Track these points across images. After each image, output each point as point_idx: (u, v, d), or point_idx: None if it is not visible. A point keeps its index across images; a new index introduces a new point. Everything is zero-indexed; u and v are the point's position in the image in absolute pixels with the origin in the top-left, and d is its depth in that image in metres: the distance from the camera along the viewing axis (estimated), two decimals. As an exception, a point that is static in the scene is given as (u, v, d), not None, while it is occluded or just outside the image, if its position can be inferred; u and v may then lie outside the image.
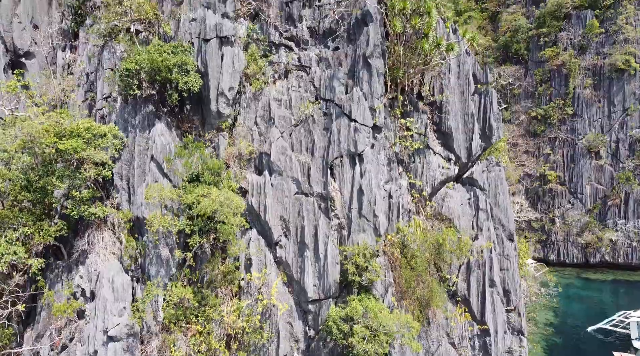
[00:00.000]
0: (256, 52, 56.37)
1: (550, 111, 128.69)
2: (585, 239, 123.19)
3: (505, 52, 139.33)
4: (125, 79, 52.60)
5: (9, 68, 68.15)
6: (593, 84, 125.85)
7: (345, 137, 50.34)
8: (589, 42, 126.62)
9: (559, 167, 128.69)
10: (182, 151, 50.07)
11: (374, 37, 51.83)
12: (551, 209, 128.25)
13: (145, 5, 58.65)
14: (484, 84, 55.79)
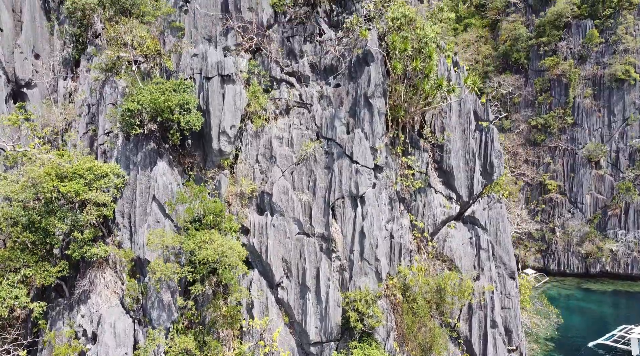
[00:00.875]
0: (258, 89, 56.36)
1: (550, 120, 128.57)
2: (586, 249, 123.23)
3: (505, 60, 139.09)
4: (127, 119, 52.64)
5: (10, 98, 68.13)
6: (593, 93, 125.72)
7: (346, 179, 50.39)
8: (588, 51, 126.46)
9: (559, 176, 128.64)
10: (184, 196, 50.11)
11: (375, 76, 51.85)
12: (551, 219, 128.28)
13: (147, 41, 58.73)
14: (485, 121, 55.72)
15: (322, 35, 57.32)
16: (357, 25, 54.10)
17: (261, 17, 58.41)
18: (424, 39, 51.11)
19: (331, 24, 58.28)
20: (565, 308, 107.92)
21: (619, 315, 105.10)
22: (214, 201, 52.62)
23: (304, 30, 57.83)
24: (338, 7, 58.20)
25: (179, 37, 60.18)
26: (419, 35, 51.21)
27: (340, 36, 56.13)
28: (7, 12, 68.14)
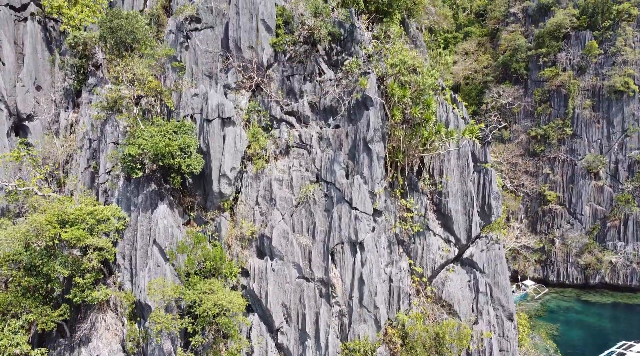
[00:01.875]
0: (258, 131, 56.68)
1: (549, 131, 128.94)
2: (585, 260, 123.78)
3: (504, 70, 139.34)
4: (127, 162, 53.03)
5: (12, 131, 68.46)
6: (592, 104, 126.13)
7: (346, 225, 50.73)
8: (588, 62, 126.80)
9: (558, 187, 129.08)
10: (184, 246, 50.53)
11: (374, 121, 52.12)
12: (551, 230, 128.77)
13: (148, 78, 59.04)
14: (483, 163, 56.03)
15: (322, 75, 57.55)
16: (357, 68, 54.36)
17: (261, 57, 58.67)
18: (423, 86, 51.37)
19: (331, 63, 58.50)
20: (565, 321, 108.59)
21: (618, 330, 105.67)
22: (214, 244, 53.12)
23: (303, 69, 58.11)
24: (337, 46, 58.43)
25: (179, 76, 60.44)
26: (418, 82, 51.46)
27: (340, 77, 56.37)
28: (9, 46, 68.41)
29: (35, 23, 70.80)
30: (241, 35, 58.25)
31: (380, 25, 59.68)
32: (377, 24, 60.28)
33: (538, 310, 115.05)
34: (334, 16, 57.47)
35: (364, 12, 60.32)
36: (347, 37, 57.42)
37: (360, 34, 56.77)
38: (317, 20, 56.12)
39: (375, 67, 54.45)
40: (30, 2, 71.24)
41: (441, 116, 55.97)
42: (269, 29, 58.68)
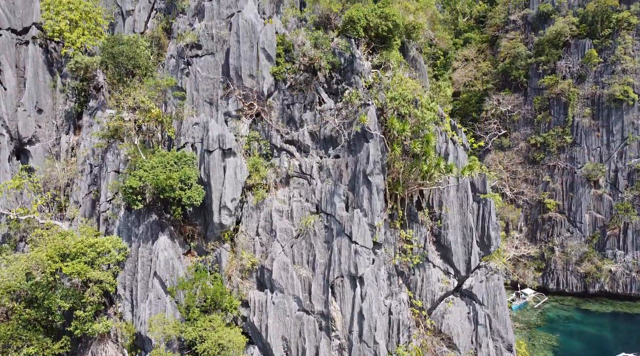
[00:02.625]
0: (258, 161, 56.88)
1: (549, 138, 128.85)
2: (585, 268, 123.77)
3: (504, 77, 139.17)
4: (128, 195, 53.26)
5: (13, 155, 68.57)
6: (592, 113, 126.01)
7: (345, 258, 50.99)
8: (587, 71, 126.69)
9: (558, 195, 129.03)
10: (184, 282, 50.80)
11: (374, 153, 52.33)
12: (550, 238, 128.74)
13: (149, 105, 59.19)
14: (482, 193, 56.23)
15: (322, 104, 57.76)
16: (357, 100, 54.52)
17: (262, 86, 58.85)
18: (422, 120, 51.55)
19: (331, 91, 58.70)
20: (564, 331, 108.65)
21: (618, 340, 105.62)
22: (214, 277, 53.39)
23: (304, 98, 58.29)
24: (337, 74, 58.57)
25: (180, 105, 60.57)
26: (417, 116, 51.64)
27: (340, 107, 56.56)
28: (11, 70, 68.50)
29: (37, 46, 70.87)
30: (242, 63, 58.40)
31: (380, 51, 59.76)
32: (377, 52, 60.35)
33: (537, 320, 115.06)
34: (334, 45, 57.55)
35: (364, 38, 60.39)
36: (347, 67, 57.61)
37: (359, 64, 56.99)
38: (317, 51, 56.24)
39: (375, 99, 54.57)
40: (31, 25, 71.30)
41: (441, 147, 56.17)
42: (270, 57, 58.82)
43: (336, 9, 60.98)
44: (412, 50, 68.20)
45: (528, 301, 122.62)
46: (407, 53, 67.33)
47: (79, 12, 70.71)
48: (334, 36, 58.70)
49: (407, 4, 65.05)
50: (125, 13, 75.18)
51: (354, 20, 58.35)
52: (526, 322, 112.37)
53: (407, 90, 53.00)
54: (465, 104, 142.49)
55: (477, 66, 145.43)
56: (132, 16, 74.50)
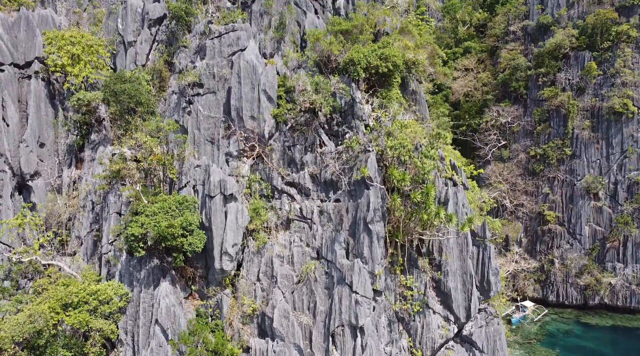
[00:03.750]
0: (259, 206, 57.24)
1: (549, 150, 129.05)
2: (584, 281, 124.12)
3: (504, 88, 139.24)
4: (130, 242, 53.66)
5: (15, 191, 68.91)
6: (591, 125, 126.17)
7: (346, 308, 51.40)
8: (587, 83, 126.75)
9: (557, 207, 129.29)
10: (187, 337, 51.20)
11: (374, 201, 52.68)
12: (550, 250, 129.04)
13: (150, 145, 59.50)
14: (482, 238, 56.59)
15: (323, 147, 58.05)
16: (357, 146, 54.84)
17: (263, 128, 59.21)
18: (422, 170, 51.87)
19: (331, 133, 59.03)
20: (564, 346, 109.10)
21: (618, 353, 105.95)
22: (215, 325, 53.80)
23: (304, 139, 58.64)
24: (338, 116, 58.83)
25: (182, 147, 60.86)
26: (417, 166, 51.96)
27: (340, 150, 56.89)
28: (13, 106, 68.83)
29: (39, 81, 71.19)
30: (243, 105, 58.76)
31: (380, 91, 59.96)
32: (377, 90, 60.51)
33: (537, 334, 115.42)
34: (334, 88, 57.78)
35: (364, 78, 60.62)
36: (348, 110, 57.94)
37: (360, 108, 57.22)
38: (318, 97, 56.52)
39: (376, 146, 54.87)
40: (34, 59, 71.54)
41: (440, 192, 56.48)
42: (271, 99, 59.16)
43: (336, 50, 61.20)
44: (412, 82, 68.37)
45: (527, 314, 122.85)
46: (407, 86, 67.55)
47: (81, 46, 71.02)
48: (334, 81, 58.88)
49: (406, 42, 65.22)
50: (127, 44, 75.35)
51: (354, 61, 58.64)
52: (526, 336, 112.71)
53: (407, 139, 53.23)
54: (465, 115, 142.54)
55: (476, 76, 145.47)
56: (134, 47, 74.67)
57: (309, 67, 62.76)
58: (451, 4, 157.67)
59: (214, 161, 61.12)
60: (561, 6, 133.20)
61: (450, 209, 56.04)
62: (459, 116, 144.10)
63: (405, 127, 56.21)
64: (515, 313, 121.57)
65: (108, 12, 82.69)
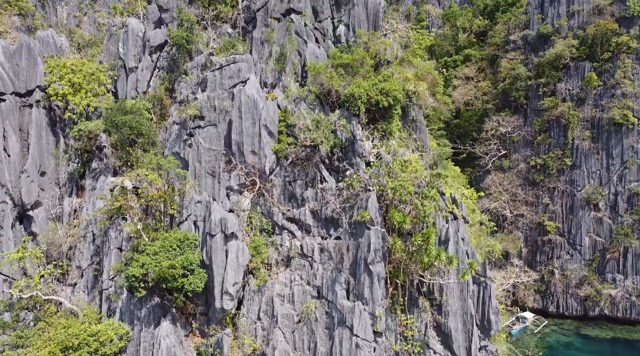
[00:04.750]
0: (260, 243, 57.34)
1: (549, 161, 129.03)
2: (584, 292, 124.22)
3: (504, 98, 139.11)
4: (131, 282, 53.79)
5: (16, 221, 68.97)
6: (591, 136, 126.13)
7: (347, 351, 51.69)
8: (587, 94, 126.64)
9: (557, 217, 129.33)
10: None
11: (375, 242, 52.81)
12: (550, 261, 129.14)
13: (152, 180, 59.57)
14: (482, 277, 56.70)
15: (323, 182, 58.11)
16: (357, 184, 54.91)
17: (264, 163, 59.34)
18: (422, 213, 51.95)
19: (332, 168, 59.03)
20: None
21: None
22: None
23: (305, 174, 58.74)
24: (339, 151, 58.87)
25: (183, 183, 60.91)
26: (417, 208, 52.04)
27: (341, 187, 56.93)
28: (14, 136, 68.88)
29: (40, 109, 71.30)
30: (244, 139, 58.87)
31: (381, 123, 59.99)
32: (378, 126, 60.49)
33: (537, 347, 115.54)
34: (335, 125, 57.81)
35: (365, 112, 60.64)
36: (348, 147, 57.95)
37: (360, 146, 57.23)
38: (318, 135, 56.55)
39: (376, 186, 54.96)
40: (35, 88, 71.52)
41: (441, 230, 56.55)
42: (272, 134, 59.27)
43: (337, 86, 61.21)
44: (412, 111, 68.34)
45: (528, 326, 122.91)
46: (408, 115, 67.54)
47: (82, 74, 70.95)
48: (335, 118, 58.89)
49: (406, 74, 65.20)
50: (129, 69, 75.33)
51: (355, 96, 58.64)
52: (526, 349, 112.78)
53: (407, 181, 53.30)
54: (465, 123, 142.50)
55: (477, 85, 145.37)
56: (135, 74, 74.61)
57: (310, 102, 62.74)
58: (451, 12, 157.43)
59: (214, 195, 61.27)
60: (561, 16, 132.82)
61: (451, 247, 56.21)
62: (459, 124, 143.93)
63: (406, 166, 56.27)
64: (516, 325, 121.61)
65: (109, 34, 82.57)
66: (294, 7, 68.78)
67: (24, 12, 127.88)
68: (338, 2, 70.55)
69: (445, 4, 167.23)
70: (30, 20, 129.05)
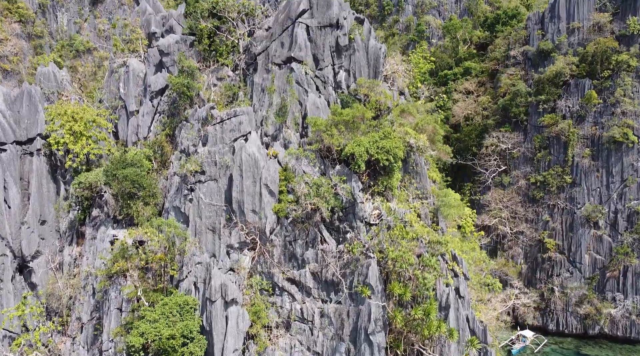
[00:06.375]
0: (261, 308, 57.46)
1: (549, 178, 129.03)
2: (584, 310, 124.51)
3: (504, 113, 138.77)
4: (131, 353, 53.87)
5: (16, 272, 69.03)
6: (591, 153, 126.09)
7: None
8: (587, 111, 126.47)
9: (557, 235, 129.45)
10: None
11: (375, 311, 52.98)
12: (550, 278, 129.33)
13: (152, 239, 59.61)
14: (483, 343, 56.85)
15: (324, 243, 58.17)
16: (358, 250, 54.98)
17: (264, 223, 59.45)
18: (423, 284, 52.05)
19: (333, 228, 59.03)
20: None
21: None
22: None
23: (306, 234, 58.77)
24: (340, 211, 58.91)
25: (184, 244, 60.96)
26: (418, 279, 52.14)
27: (342, 250, 57.00)
28: (15, 187, 68.89)
29: (42, 158, 71.20)
30: (244, 198, 58.98)
31: (382, 178, 59.97)
32: (378, 181, 60.48)
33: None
34: (336, 188, 57.82)
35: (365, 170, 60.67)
36: (349, 209, 57.97)
37: (361, 209, 57.26)
38: (319, 200, 56.58)
39: (377, 253, 55.03)
40: (36, 136, 71.44)
41: (441, 295, 56.62)
42: (272, 193, 59.38)
43: (337, 145, 61.18)
44: (412, 157, 68.25)
45: (528, 345, 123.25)
46: (408, 163, 67.49)
47: (83, 121, 70.82)
48: (336, 181, 58.83)
49: (407, 129, 65.22)
50: (129, 113, 75.29)
51: (355, 155, 58.60)
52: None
53: (408, 252, 53.32)
54: (465, 138, 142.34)
55: (477, 99, 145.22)
56: (136, 118, 74.57)
57: (310, 159, 62.67)
58: (452, 24, 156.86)
59: (215, 251, 61.32)
60: (561, 33, 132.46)
61: (451, 314, 56.22)
62: (459, 138, 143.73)
63: (407, 232, 56.25)
64: (516, 344, 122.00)
65: (110, 71, 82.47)
66: (294, 56, 68.67)
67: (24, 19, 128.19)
68: (339, 48, 70.35)
69: (446, 15, 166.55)
70: (31, 27, 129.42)
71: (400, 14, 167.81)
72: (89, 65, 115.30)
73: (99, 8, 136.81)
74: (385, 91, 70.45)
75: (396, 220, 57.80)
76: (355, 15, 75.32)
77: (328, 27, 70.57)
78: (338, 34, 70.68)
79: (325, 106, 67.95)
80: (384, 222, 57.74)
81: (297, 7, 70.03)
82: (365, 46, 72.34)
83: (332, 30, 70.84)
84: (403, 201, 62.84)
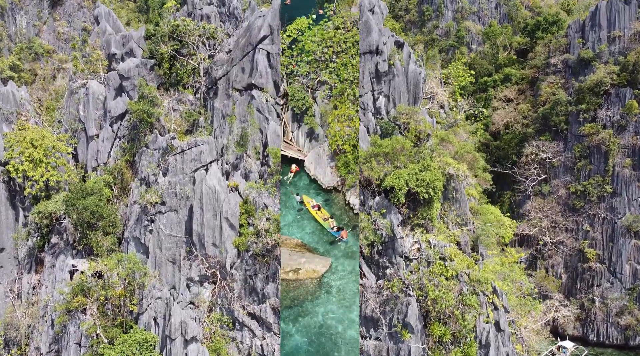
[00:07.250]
0: (221, 346, 58.35)
1: (589, 187, 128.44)
2: (625, 321, 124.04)
3: (544, 121, 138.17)
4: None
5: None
6: (632, 163, 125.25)
7: None
8: (628, 121, 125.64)
9: (598, 245, 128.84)
10: None
11: (415, 352, 54.18)
12: (590, 288, 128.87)
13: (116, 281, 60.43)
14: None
15: (363, 278, 58.96)
16: (397, 288, 55.65)
17: (224, 258, 60.40)
18: (463, 326, 52.67)
19: (372, 261, 60.13)
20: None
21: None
22: None
23: (266, 269, 59.56)
24: (379, 244, 59.64)
25: (143, 279, 61.71)
26: (458, 320, 52.77)
27: (381, 285, 57.88)
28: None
29: (0, 185, 72.12)
30: (205, 232, 60.10)
31: (421, 209, 60.56)
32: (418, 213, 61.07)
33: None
34: (375, 224, 58.55)
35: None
36: (389, 244, 58.60)
37: (400, 244, 57.92)
38: None
39: (417, 291, 55.71)
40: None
41: (481, 333, 57.15)
42: (233, 227, 60.46)
43: (377, 176, 61.88)
44: (452, 182, 68.79)
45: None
46: (447, 191, 68.06)
47: (42, 148, 71.79)
48: (376, 217, 59.58)
49: (447, 159, 65.83)
50: (89, 137, 76.20)
51: (394, 188, 59.32)
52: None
53: (448, 293, 53.92)
54: (505, 146, 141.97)
55: (516, 107, 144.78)
56: (96, 143, 75.40)
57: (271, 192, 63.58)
58: (492, 30, 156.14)
59: (175, 283, 62.29)
60: (602, 41, 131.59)
61: (492, 353, 56.63)
62: (499, 147, 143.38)
63: (446, 269, 56.86)
64: (556, 355, 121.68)
65: (69, 91, 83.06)
66: (255, 83, 69.51)
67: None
68: (378, 74, 71.05)
69: (486, 21, 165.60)
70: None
71: (440, 19, 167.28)
72: (48, 68, 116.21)
73: (58, 11, 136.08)
74: (424, 118, 71.04)
75: (436, 255, 58.44)
76: (395, 38, 75.81)
77: (368, 54, 71.25)
78: (378, 59, 71.37)
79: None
80: (423, 257, 58.40)
81: (257, 32, 70.57)
82: (405, 71, 72.93)
83: (372, 57, 71.48)
84: (443, 231, 63.39)
